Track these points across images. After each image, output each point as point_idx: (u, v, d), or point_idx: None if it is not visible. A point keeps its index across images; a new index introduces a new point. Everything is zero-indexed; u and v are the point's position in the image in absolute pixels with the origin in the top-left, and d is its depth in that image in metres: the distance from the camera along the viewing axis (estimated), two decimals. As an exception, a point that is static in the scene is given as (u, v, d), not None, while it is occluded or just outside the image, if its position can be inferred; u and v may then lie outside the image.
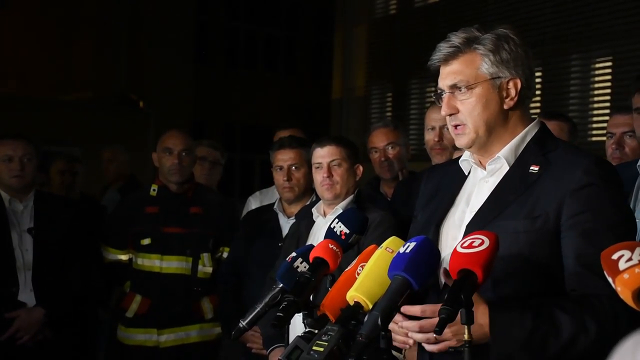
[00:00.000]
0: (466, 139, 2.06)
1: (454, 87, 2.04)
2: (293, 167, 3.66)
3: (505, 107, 2.06)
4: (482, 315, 1.81)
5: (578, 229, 1.91)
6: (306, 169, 3.62)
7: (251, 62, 17.62)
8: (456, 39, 2.06)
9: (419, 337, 1.87)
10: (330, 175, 3.24)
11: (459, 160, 2.17)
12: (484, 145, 2.07)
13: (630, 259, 1.50)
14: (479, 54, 2.04)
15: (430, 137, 3.72)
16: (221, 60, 17.18)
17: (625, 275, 1.49)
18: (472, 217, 2.03)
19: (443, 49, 2.06)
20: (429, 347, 1.88)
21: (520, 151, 2.06)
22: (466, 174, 2.15)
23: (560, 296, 1.92)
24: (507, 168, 2.06)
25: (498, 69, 2.03)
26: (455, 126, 2.06)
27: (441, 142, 3.66)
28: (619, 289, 1.50)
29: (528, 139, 2.07)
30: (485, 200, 2.04)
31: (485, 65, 2.03)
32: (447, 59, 2.05)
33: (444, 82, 2.07)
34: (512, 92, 2.05)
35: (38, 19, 15.51)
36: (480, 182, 2.10)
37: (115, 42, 14.43)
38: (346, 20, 13.09)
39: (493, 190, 2.05)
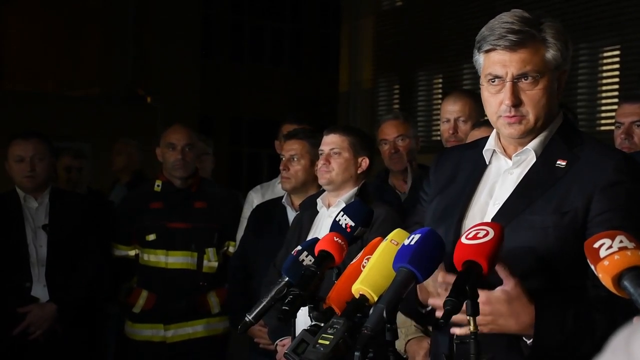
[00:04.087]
0: (522, 128, 1.96)
1: (521, 76, 1.93)
2: (294, 159, 3.65)
3: (558, 98, 2.00)
4: (525, 308, 1.81)
5: (605, 226, 1.85)
6: (308, 161, 3.61)
7: (257, 56, 17.63)
8: (520, 24, 1.92)
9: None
10: (327, 162, 3.22)
11: (483, 150, 2.08)
12: (532, 136, 1.99)
13: (610, 247, 1.54)
14: (546, 42, 1.94)
15: (445, 128, 3.71)
16: (227, 55, 17.20)
17: (605, 262, 1.54)
18: (497, 210, 1.98)
19: (507, 34, 1.91)
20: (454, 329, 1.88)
21: (546, 143, 2.00)
22: (487, 162, 2.08)
23: (591, 293, 1.89)
24: (534, 160, 2.00)
25: (561, 59, 1.96)
26: (512, 116, 1.95)
27: (456, 134, 3.64)
28: (600, 276, 1.55)
29: (554, 130, 2.01)
30: (511, 194, 1.98)
31: (550, 55, 1.94)
32: (515, 46, 1.91)
33: (507, 69, 1.93)
34: (562, 83, 2.00)
35: (45, 15, 15.56)
36: (505, 174, 2.04)
37: (122, 38, 14.46)
38: (352, 13, 13.06)
39: (519, 184, 1.99)
